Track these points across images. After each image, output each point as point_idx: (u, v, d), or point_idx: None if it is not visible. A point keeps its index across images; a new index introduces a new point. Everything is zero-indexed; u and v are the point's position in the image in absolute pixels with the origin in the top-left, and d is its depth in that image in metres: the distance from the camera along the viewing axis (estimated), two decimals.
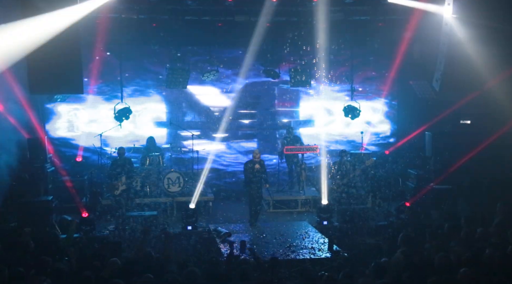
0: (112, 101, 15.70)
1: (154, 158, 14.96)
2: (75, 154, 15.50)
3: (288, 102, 17.41)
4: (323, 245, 11.22)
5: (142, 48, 15.62)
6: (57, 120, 15.89)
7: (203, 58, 16.06)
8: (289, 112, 17.44)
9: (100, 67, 15.24)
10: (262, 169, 13.37)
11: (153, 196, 14.27)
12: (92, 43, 14.00)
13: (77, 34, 10.90)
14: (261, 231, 12.59)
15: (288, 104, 17.43)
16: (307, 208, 14.78)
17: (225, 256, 10.26)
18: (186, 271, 7.81)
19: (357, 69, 16.76)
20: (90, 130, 15.60)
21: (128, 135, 16.10)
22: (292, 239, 11.81)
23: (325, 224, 12.95)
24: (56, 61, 10.72)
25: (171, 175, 14.37)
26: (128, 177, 13.61)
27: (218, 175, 16.51)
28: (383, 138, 17.26)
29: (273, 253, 10.74)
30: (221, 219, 13.83)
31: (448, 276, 7.52)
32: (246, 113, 17.26)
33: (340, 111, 16.09)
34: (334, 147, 16.73)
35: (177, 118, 16.61)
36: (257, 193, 13.33)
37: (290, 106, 17.42)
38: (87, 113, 15.78)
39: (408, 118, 16.50)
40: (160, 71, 16.24)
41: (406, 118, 16.70)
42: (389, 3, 13.14)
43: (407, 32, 14.42)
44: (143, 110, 16.36)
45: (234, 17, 14.45)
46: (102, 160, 15.09)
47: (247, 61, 15.56)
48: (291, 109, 17.41)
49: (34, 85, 10.87)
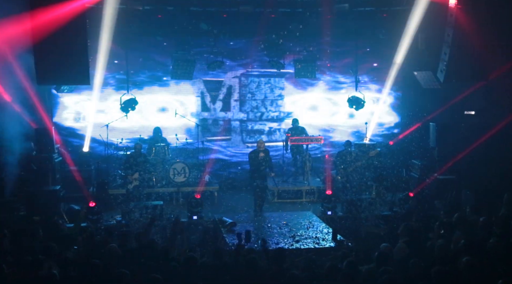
0: (118, 92, 15.73)
1: (160, 148, 15.02)
2: (82, 144, 15.53)
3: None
4: (327, 235, 11.22)
5: (148, 39, 15.60)
6: (64, 110, 15.91)
7: (208, 49, 16.04)
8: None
9: (107, 58, 15.25)
10: (267, 158, 13.40)
11: (159, 186, 14.33)
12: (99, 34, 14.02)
13: (84, 25, 10.95)
14: (266, 221, 12.62)
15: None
16: (311, 198, 14.82)
17: (230, 246, 10.34)
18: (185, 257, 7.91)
19: (362, 60, 16.71)
20: (97, 121, 15.59)
21: (134, 126, 16.09)
22: (296, 228, 11.82)
23: (329, 214, 12.99)
24: (63, 52, 10.83)
25: (176, 165, 14.45)
26: (141, 174, 13.67)
27: (222, 165, 16.52)
28: (388, 129, 17.23)
29: (278, 242, 10.79)
30: (226, 209, 13.83)
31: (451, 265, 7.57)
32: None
33: (344, 102, 16.13)
34: (339, 138, 16.70)
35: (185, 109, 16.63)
36: (261, 183, 13.37)
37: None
38: (94, 104, 15.81)
39: (412, 109, 16.46)
40: (166, 62, 16.21)
41: (410, 109, 16.66)
42: None
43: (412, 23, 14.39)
44: (149, 100, 16.35)
45: (239, 7, 14.42)
46: (109, 150, 15.16)
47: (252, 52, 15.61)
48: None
49: (41, 76, 10.96)
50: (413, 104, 16.56)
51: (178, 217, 11.70)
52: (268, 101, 17.18)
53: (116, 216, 12.69)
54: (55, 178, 13.56)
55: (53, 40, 10.40)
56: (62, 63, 10.95)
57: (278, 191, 14.78)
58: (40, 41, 10.41)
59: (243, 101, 17.08)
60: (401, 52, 14.54)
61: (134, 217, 12.05)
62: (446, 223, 9.52)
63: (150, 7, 14.18)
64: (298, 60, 16.06)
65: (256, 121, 17.15)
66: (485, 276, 6.90)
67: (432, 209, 12.47)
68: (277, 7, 14.17)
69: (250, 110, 17.11)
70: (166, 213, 12.46)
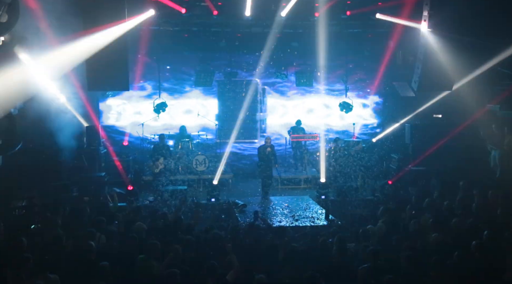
0: (152, 97, 15.86)
1: (185, 143, 15.10)
2: (122, 139, 15.67)
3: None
4: (321, 215, 11.24)
5: (176, 54, 15.67)
6: (108, 112, 16.02)
7: (225, 62, 16.14)
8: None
9: (143, 69, 15.41)
10: (272, 152, 13.45)
11: (184, 173, 14.40)
12: (137, 50, 14.17)
13: (125, 43, 11.06)
14: (271, 203, 12.64)
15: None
16: (308, 185, 14.83)
17: (242, 223, 10.43)
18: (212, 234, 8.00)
19: (351, 72, 16.73)
20: (134, 120, 15.72)
21: (164, 124, 16.12)
22: (296, 210, 11.85)
23: (323, 198, 12.89)
24: (108, 64, 10.83)
25: (198, 157, 14.47)
26: (165, 158, 13.80)
27: (236, 157, 16.49)
28: (371, 129, 17.23)
29: (280, 221, 10.85)
30: (238, 193, 13.85)
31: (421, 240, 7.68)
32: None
33: (336, 106, 16.17)
34: (332, 135, 16.75)
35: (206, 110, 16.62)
36: (268, 172, 13.44)
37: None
38: (132, 106, 15.95)
39: (391, 113, 16.46)
40: (190, 72, 16.29)
41: (390, 112, 16.66)
42: (376, 19, 13.17)
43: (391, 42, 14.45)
44: (176, 104, 16.40)
45: (251, 29, 14.54)
46: (144, 144, 15.30)
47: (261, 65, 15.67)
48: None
49: (91, 83, 10.99)
50: (392, 109, 16.57)
51: (195, 200, 11.82)
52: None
53: (149, 198, 12.78)
54: (101, 166, 13.70)
55: (101, 54, 10.44)
56: (108, 73, 10.90)
57: (281, 179, 14.74)
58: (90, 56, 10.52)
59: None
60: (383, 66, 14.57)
61: (164, 199, 12.08)
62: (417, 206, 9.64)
63: (178, 28, 14.35)
64: (299, 72, 16.14)
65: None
66: (448, 250, 7.01)
67: (407, 194, 12.50)
68: (282, 29, 14.23)
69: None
70: (189, 196, 12.51)
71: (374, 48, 15.25)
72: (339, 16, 13.85)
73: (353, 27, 14.81)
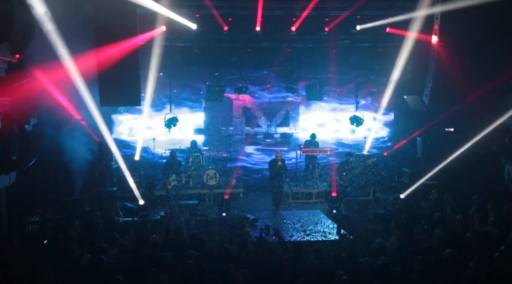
0: (162, 112, 16.00)
1: (196, 157, 15.16)
2: (133, 153, 15.68)
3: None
4: (332, 229, 11.26)
5: (187, 69, 15.77)
6: (120, 127, 16.18)
7: (236, 77, 16.25)
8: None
9: (154, 84, 15.53)
10: (283, 166, 13.48)
11: (195, 188, 14.45)
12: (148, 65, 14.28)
13: (137, 58, 11.22)
14: (282, 218, 12.65)
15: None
16: (320, 199, 14.77)
17: (253, 238, 10.39)
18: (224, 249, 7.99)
19: (361, 86, 16.80)
20: (146, 135, 15.84)
21: (174, 139, 16.24)
22: (307, 224, 11.87)
23: (334, 212, 12.91)
24: (120, 80, 11.01)
25: (209, 171, 14.52)
26: (177, 175, 13.87)
27: (247, 172, 16.54)
28: (382, 143, 17.20)
29: (291, 235, 10.83)
30: (249, 207, 13.81)
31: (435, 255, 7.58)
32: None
33: (347, 120, 16.19)
34: (342, 149, 16.74)
35: (217, 125, 16.75)
36: (278, 186, 13.43)
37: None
38: (143, 121, 16.08)
39: (403, 126, 16.42)
40: (201, 88, 16.45)
41: (401, 126, 16.62)
42: (387, 33, 13.24)
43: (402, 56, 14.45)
44: (187, 119, 16.52)
45: (261, 44, 14.66)
46: (155, 159, 15.38)
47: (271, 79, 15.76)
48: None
49: (103, 99, 11.16)
50: (403, 122, 16.52)
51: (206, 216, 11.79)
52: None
53: (161, 212, 12.73)
54: (113, 181, 13.75)
55: (113, 71, 10.60)
56: (119, 89, 11.08)
57: (292, 193, 14.79)
58: (103, 71, 10.67)
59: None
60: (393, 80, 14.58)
61: (175, 213, 12.08)
62: (429, 221, 9.55)
63: (189, 43, 14.51)
64: (309, 86, 16.18)
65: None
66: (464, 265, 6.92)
67: (419, 208, 12.41)
68: (292, 43, 14.34)
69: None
70: (200, 211, 12.47)
71: (384, 62, 15.25)
72: (349, 30, 13.94)
73: (364, 41, 14.90)
